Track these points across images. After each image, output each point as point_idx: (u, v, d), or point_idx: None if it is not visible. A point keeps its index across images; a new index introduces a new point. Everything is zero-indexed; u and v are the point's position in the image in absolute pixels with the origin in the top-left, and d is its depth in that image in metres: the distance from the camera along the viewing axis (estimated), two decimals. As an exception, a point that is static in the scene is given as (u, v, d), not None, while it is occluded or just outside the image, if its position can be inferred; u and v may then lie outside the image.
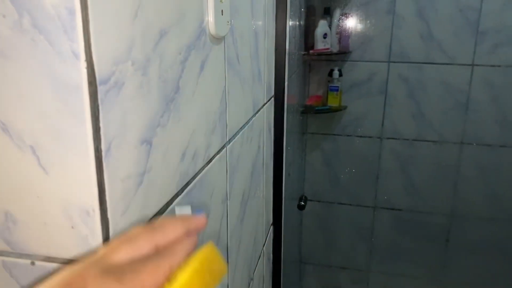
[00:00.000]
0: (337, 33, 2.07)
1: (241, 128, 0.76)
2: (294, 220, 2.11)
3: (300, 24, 1.84)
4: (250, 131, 0.85)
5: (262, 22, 0.93)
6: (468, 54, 2.03)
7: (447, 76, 2.07)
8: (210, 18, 0.54)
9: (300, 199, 1.38)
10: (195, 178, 0.51)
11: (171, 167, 0.46)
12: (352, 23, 2.08)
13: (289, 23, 1.16)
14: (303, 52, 2.01)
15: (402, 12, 2.05)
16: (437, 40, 2.04)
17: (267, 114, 1.06)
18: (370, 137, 2.23)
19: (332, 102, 2.14)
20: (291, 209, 1.90)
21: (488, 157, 2.13)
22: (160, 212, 0.44)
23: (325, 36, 2.02)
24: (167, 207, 0.45)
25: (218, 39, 0.58)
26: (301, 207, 1.32)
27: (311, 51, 2.03)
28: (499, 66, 2.01)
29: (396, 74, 2.13)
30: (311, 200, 2.37)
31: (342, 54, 2.11)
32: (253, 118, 0.88)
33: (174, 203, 0.47)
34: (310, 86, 2.24)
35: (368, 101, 2.18)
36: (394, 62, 2.11)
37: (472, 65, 2.03)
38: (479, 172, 2.15)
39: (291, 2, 1.36)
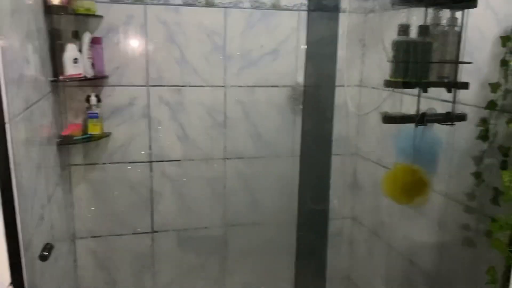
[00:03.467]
0: (89, 58, 1.96)
1: None
2: (63, 263, 1.90)
3: (41, 49, 1.67)
4: None
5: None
6: (220, 77, 2.19)
7: (204, 98, 2.19)
8: None
9: (44, 248, 1.22)
10: None
11: None
12: (104, 46, 2.00)
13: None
14: (51, 79, 1.83)
15: (154, 36, 2.08)
16: (191, 63, 2.14)
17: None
18: (139, 162, 2.19)
19: (93, 130, 2.02)
20: (60, 254, 1.69)
21: (247, 169, 2.34)
22: None
23: (75, 61, 1.89)
24: None
25: None
26: (43, 258, 1.17)
27: (61, 77, 1.86)
28: (246, 86, 2.23)
29: (157, 98, 2.14)
30: (84, 238, 2.19)
31: (98, 79, 2.01)
32: None
33: None
34: (68, 115, 2.06)
35: (132, 126, 2.14)
36: (153, 86, 2.12)
37: (224, 86, 2.20)
38: (241, 183, 2.34)
39: (15, 25, 1.21)
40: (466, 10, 1.31)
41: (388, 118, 1.29)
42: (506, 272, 1.34)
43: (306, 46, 1.35)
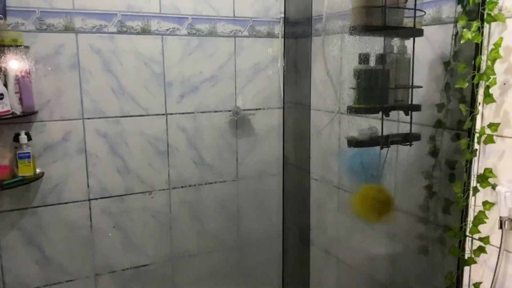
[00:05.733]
0: (16, 92, 1.78)
1: None
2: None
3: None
4: None
5: None
6: (160, 105, 2.12)
7: (145, 127, 2.10)
8: None
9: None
10: None
11: None
12: (32, 79, 1.83)
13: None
14: (-26, 119, 1.62)
15: (87, 66, 1.95)
16: (129, 93, 2.04)
17: None
18: (76, 201, 2.01)
19: (25, 171, 1.82)
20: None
21: (192, 197, 2.27)
22: None
23: (1, 96, 1.70)
24: None
25: None
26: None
27: (-15, 116, 1.66)
28: (187, 113, 2.18)
29: (94, 131, 2.00)
30: (16, 292, 1.95)
31: (27, 115, 1.82)
32: None
33: None
34: (-10, 156, 1.83)
35: (68, 163, 1.97)
36: (89, 118, 1.98)
37: (166, 114, 2.13)
38: (188, 212, 2.27)
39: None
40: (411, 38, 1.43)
41: (356, 142, 1.35)
42: (460, 275, 1.47)
43: (283, 71, 1.38)
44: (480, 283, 1.38)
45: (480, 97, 1.32)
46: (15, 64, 1.76)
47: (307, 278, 1.42)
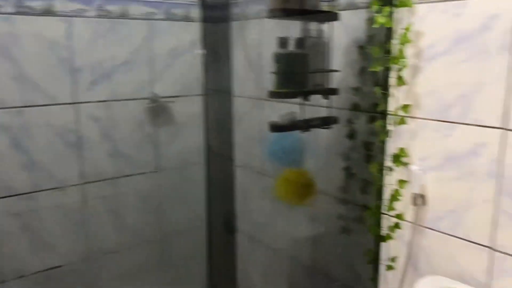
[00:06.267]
0: None
1: None
2: None
3: None
4: None
5: None
6: (69, 93, 1.95)
7: (52, 118, 1.92)
8: None
9: None
10: None
11: None
12: None
13: None
14: None
15: (-19, 50, 1.74)
16: (32, 80, 1.86)
17: None
18: (-26, 202, 1.81)
19: None
20: None
21: (109, 191, 2.15)
22: None
23: None
24: None
25: None
26: None
27: None
28: (99, 101, 2.04)
29: (-8, 123, 1.80)
30: None
31: None
32: None
33: None
34: None
35: (-39, 160, 1.75)
36: (-14, 109, 1.78)
37: (75, 103, 1.98)
38: (104, 207, 2.14)
39: None
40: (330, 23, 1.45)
41: (277, 127, 1.34)
42: (379, 251, 1.54)
43: (203, 57, 1.32)
44: (397, 257, 1.46)
45: (393, 80, 1.37)
46: None
47: (234, 266, 1.39)
